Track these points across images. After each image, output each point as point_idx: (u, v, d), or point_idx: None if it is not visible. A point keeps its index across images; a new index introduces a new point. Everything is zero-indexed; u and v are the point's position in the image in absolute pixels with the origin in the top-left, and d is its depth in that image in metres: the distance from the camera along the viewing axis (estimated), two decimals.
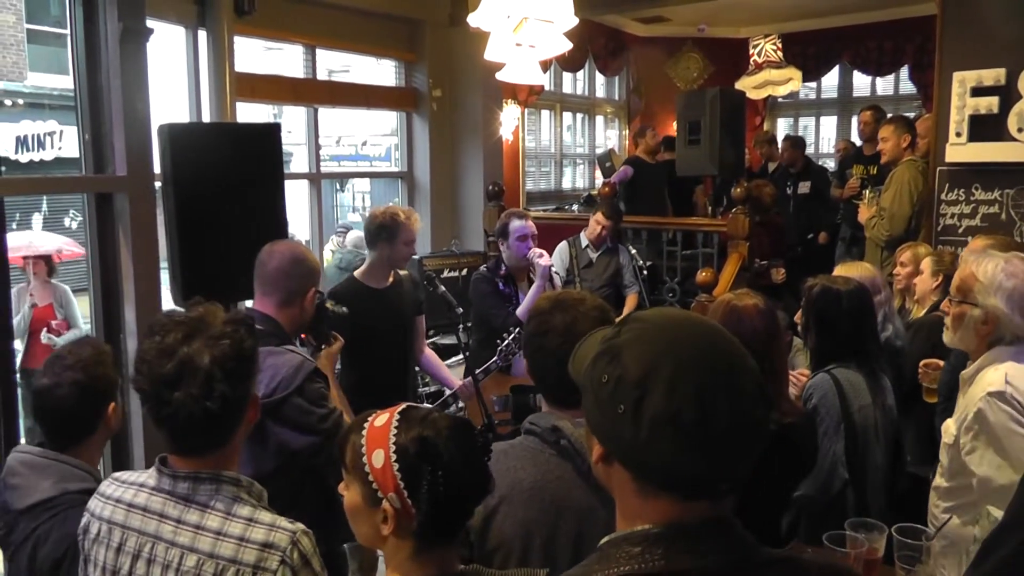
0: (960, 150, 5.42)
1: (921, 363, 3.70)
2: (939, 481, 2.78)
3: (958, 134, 5.39)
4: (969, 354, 2.79)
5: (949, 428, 2.75)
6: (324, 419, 2.80)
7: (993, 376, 2.60)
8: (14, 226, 14.84)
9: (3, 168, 5.20)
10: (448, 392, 4.45)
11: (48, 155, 14.31)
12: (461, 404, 4.40)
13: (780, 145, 8.72)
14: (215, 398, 1.73)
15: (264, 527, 1.76)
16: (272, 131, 4.10)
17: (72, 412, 2.36)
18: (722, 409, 1.11)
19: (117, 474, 1.94)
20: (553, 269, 4.91)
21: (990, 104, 5.25)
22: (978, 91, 5.30)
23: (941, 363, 3.57)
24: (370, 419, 1.69)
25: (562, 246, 6.16)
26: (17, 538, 2.27)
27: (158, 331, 1.78)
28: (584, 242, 6.10)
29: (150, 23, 4.00)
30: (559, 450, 1.93)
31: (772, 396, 2.50)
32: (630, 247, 6.21)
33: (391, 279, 4.31)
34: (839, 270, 3.83)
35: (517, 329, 4.27)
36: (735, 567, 1.15)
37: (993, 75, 5.23)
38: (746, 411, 1.14)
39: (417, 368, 4.90)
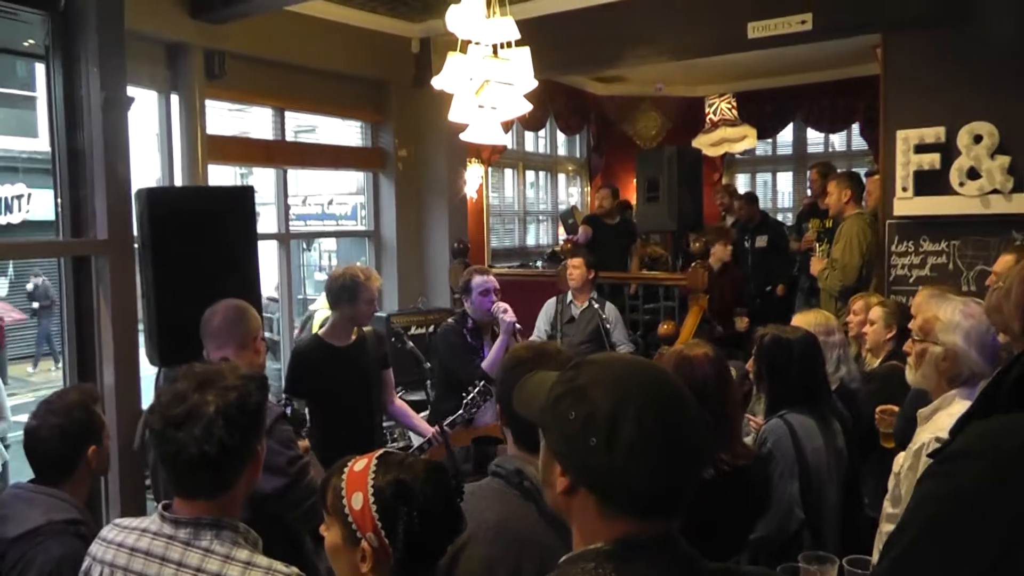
0: (907, 204, 5.64)
1: (877, 409, 3.84)
2: (886, 506, 2.94)
3: (904, 189, 5.62)
4: (930, 393, 2.95)
5: (899, 459, 2.92)
6: (292, 462, 2.89)
7: (946, 422, 2.74)
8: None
9: None
10: (421, 440, 4.50)
11: (15, 218, 14.27)
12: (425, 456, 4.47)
13: (735, 203, 8.94)
14: (213, 442, 1.85)
15: (261, 570, 1.85)
16: (247, 194, 4.21)
17: (54, 452, 2.60)
18: (684, 435, 1.30)
19: (119, 520, 2.03)
20: (517, 325, 4.95)
21: (932, 160, 5.48)
22: (921, 148, 5.53)
23: (896, 408, 3.72)
24: (350, 464, 1.82)
25: (550, 302, 6.22)
26: (7, 565, 2.45)
27: (178, 379, 1.94)
28: (569, 298, 6.12)
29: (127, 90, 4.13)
30: (523, 491, 2.03)
31: (724, 437, 2.64)
32: (608, 304, 6.19)
33: (354, 336, 4.41)
34: (796, 318, 4.00)
35: (483, 382, 4.39)
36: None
37: (934, 133, 5.48)
38: (697, 435, 1.33)
39: (385, 423, 4.99)
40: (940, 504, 1.28)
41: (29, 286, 14.67)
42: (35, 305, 14.59)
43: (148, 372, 3.91)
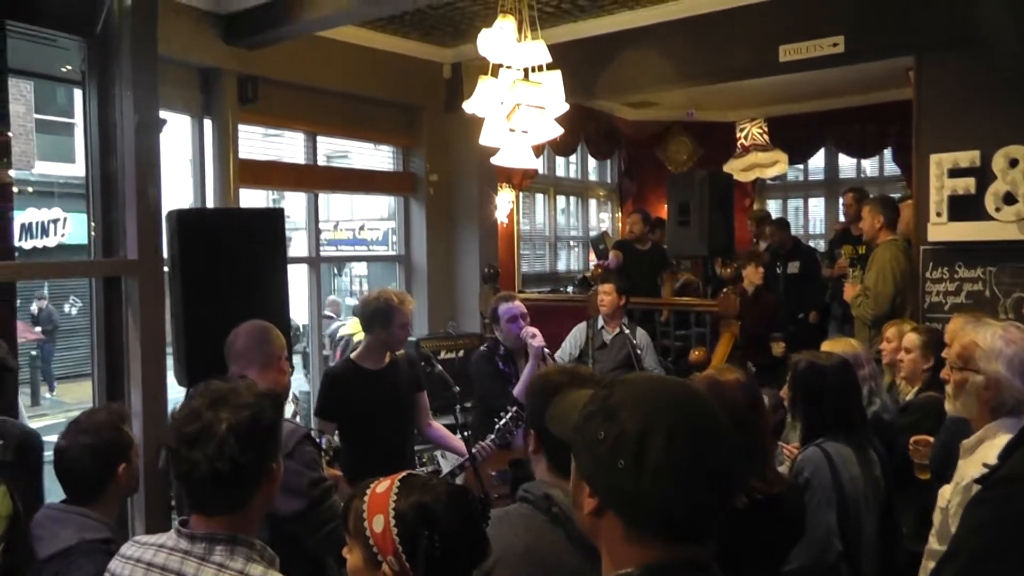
0: (941, 229, 5.56)
1: (912, 440, 3.76)
2: (932, 543, 2.85)
3: (938, 214, 5.54)
4: (971, 423, 2.84)
5: (944, 493, 2.82)
6: (315, 484, 2.87)
7: (991, 454, 2.67)
8: (51, 307, 14.98)
9: (16, 254, 5.30)
10: (453, 464, 4.50)
11: (51, 242, 14.50)
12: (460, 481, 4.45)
13: (768, 231, 8.88)
14: (224, 460, 1.84)
15: None
16: (277, 216, 4.22)
17: (84, 472, 2.62)
18: (715, 458, 1.27)
19: (138, 536, 2.05)
20: (546, 350, 4.95)
21: (967, 185, 5.41)
22: (955, 172, 5.46)
23: (931, 439, 3.65)
24: (372, 486, 1.80)
25: (580, 327, 6.16)
26: None
27: (194, 396, 1.95)
28: (600, 324, 6.06)
29: (161, 114, 4.17)
30: (551, 517, 2.01)
31: (756, 464, 2.59)
32: (639, 328, 6.18)
33: (387, 360, 4.41)
34: (825, 346, 3.94)
35: (515, 408, 4.36)
36: None
37: (968, 157, 5.40)
38: (728, 459, 1.29)
39: (417, 448, 4.99)
40: (991, 530, 1.24)
41: (33, 308, 14.80)
42: (38, 330, 14.70)
43: (177, 393, 3.91)
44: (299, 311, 8.79)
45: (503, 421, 4.33)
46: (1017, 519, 1.21)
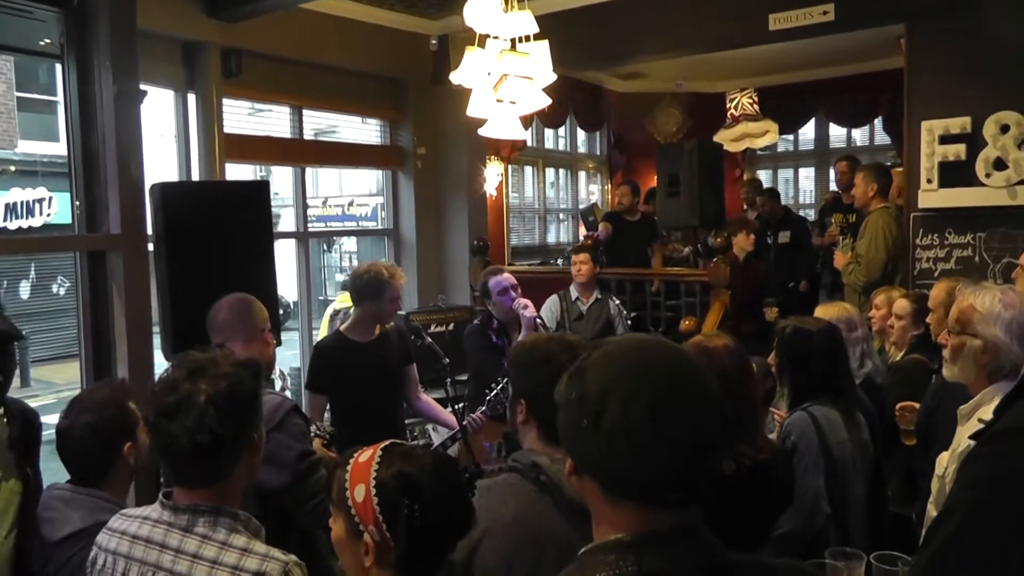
0: (932, 196, 5.56)
1: (897, 406, 3.77)
2: (929, 510, 2.84)
3: (929, 180, 5.53)
4: (968, 388, 2.82)
5: (942, 460, 2.81)
6: (302, 457, 2.84)
7: (988, 417, 2.65)
8: (2, 293, 14.89)
9: None
10: (444, 436, 4.52)
11: (37, 222, 14.39)
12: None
13: (758, 201, 8.87)
14: (204, 432, 1.82)
15: (258, 557, 1.84)
16: (261, 188, 4.19)
17: (87, 452, 2.53)
18: (673, 423, 1.22)
19: (125, 510, 2.05)
20: (538, 320, 4.98)
21: (958, 151, 5.40)
22: (946, 139, 5.45)
23: (917, 405, 3.65)
24: (355, 455, 1.77)
25: (552, 299, 6.15)
26: (52, 569, 2.42)
27: (172, 367, 1.92)
28: (574, 295, 6.07)
29: (142, 86, 4.12)
30: (539, 485, 2.00)
31: (745, 431, 2.58)
32: (613, 298, 6.26)
33: (377, 332, 4.40)
34: (819, 311, 3.93)
35: (506, 380, 4.36)
36: (703, 569, 1.24)
37: (959, 123, 5.39)
38: (696, 425, 1.24)
39: (409, 421, 4.98)
40: (987, 486, 1.22)
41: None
42: None
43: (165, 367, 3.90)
44: (288, 287, 8.77)
45: (494, 392, 4.34)
46: (1013, 473, 1.18)
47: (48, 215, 14.42)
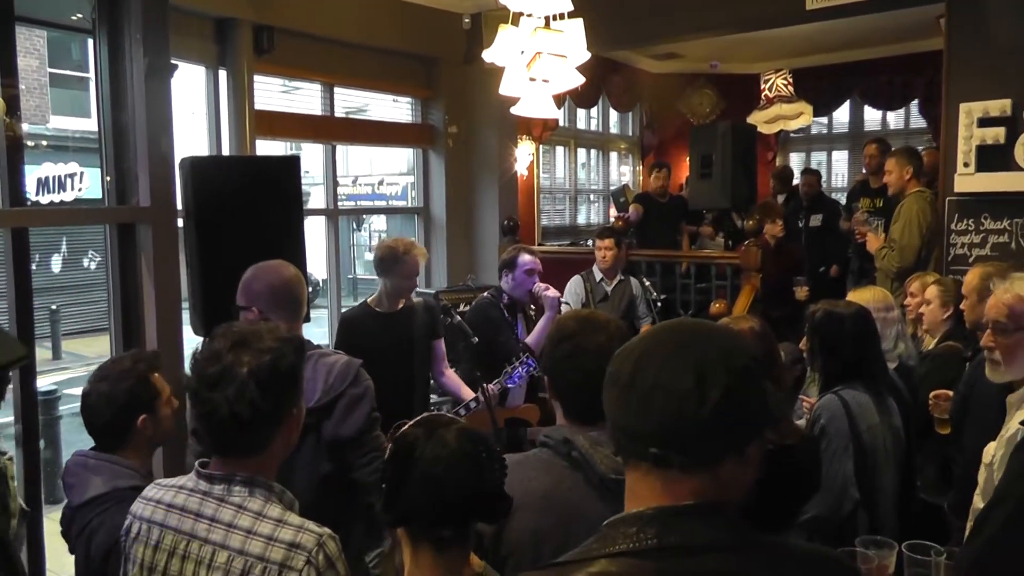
0: (968, 180, 5.45)
1: (931, 394, 3.72)
2: (976, 501, 2.73)
3: (966, 164, 5.42)
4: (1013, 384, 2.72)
5: (989, 449, 2.72)
6: (371, 412, 2.93)
7: None
8: (34, 267, 15.06)
9: (28, 202, 5.29)
10: (464, 402, 4.56)
11: (68, 196, 14.52)
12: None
13: (800, 179, 8.77)
14: (244, 404, 1.83)
15: (292, 528, 1.84)
16: (292, 163, 4.19)
17: (101, 419, 2.57)
18: (648, 375, 1.23)
19: (160, 479, 2.06)
20: (563, 301, 5.02)
21: (997, 134, 5.28)
22: (985, 121, 5.32)
23: (951, 393, 3.59)
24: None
25: (576, 280, 6.20)
26: (75, 531, 2.47)
27: (215, 337, 1.92)
28: (598, 276, 6.14)
29: (172, 61, 4.12)
30: (571, 461, 1.98)
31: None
32: (643, 279, 6.25)
33: (401, 304, 4.48)
34: (852, 295, 3.87)
35: (525, 355, 4.52)
36: (723, 544, 1.22)
37: (999, 106, 5.27)
38: (675, 382, 1.21)
39: (435, 399, 5.01)
40: None
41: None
42: None
43: (194, 343, 3.91)
44: (317, 265, 8.80)
45: (513, 367, 4.50)
46: None
47: (80, 190, 14.53)
